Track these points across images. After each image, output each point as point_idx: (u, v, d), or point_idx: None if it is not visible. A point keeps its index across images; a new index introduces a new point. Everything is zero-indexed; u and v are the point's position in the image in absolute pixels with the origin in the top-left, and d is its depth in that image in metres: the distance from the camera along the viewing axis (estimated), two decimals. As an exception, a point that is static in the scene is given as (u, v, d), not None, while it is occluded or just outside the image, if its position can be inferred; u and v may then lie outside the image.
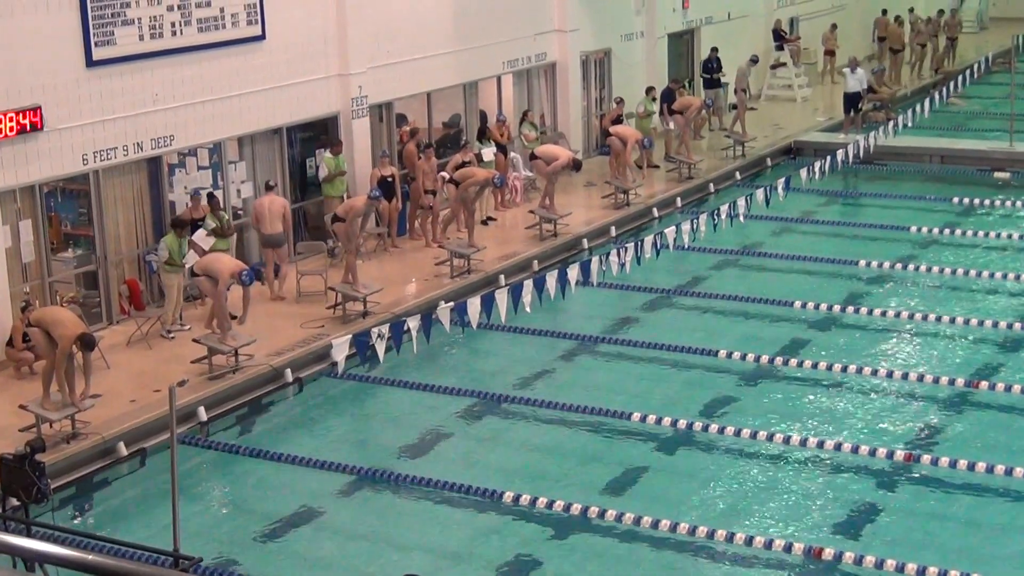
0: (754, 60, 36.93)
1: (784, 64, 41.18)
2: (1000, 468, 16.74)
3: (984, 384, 19.64)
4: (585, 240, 27.16)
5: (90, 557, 7.61)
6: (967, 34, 48.49)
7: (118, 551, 13.51)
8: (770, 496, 16.82)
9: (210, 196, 23.01)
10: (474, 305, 19.52)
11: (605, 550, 15.59)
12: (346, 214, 22.87)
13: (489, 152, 28.42)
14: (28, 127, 20.44)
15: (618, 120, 31.26)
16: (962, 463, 16.94)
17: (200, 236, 22.43)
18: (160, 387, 19.01)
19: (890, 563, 14.60)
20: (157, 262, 21.69)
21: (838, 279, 25.09)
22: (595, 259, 21.71)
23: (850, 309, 23.11)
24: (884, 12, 44.08)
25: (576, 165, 27.73)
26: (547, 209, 27.18)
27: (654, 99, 33.02)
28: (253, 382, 20.05)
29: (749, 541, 15.28)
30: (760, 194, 26.43)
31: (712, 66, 36.47)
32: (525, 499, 16.41)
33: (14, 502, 14.78)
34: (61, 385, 17.90)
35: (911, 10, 44.74)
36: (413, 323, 18.82)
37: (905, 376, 20.04)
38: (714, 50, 36.55)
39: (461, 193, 25.52)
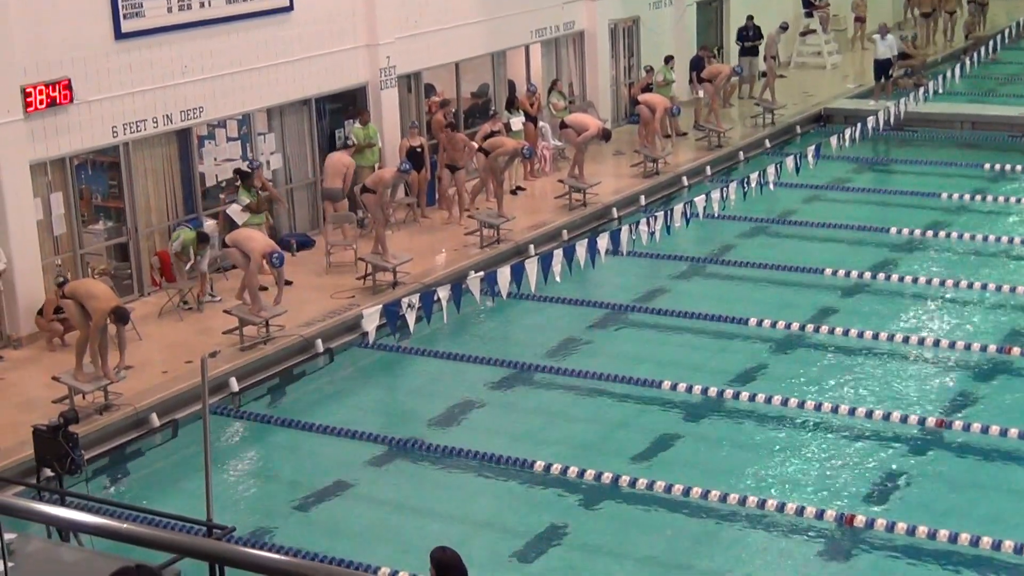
0: (784, 27, 36.72)
1: (814, 31, 40.96)
2: (1032, 434, 16.71)
3: (1016, 350, 19.54)
4: (615, 209, 27.13)
5: (124, 526, 7.67)
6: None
7: (151, 520, 13.59)
8: (801, 463, 16.82)
9: (245, 174, 23.02)
10: (504, 275, 19.54)
11: (636, 518, 15.62)
12: (375, 185, 22.89)
13: (518, 122, 28.39)
14: (58, 100, 20.50)
15: (647, 89, 31.19)
16: (994, 429, 16.89)
17: (235, 211, 22.51)
18: (192, 358, 19.13)
19: (922, 530, 14.59)
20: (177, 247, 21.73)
21: (868, 246, 25.00)
22: (625, 228, 21.70)
23: (881, 276, 23.04)
24: None
25: (605, 135, 27.67)
26: (576, 178, 27.14)
27: (672, 68, 32.84)
28: (284, 353, 20.12)
29: (781, 508, 15.28)
30: (790, 162, 26.35)
31: (748, 34, 36.28)
32: (556, 468, 16.44)
33: (48, 473, 14.88)
34: (94, 357, 18.00)
35: None
36: (443, 293, 18.86)
37: (936, 342, 19.98)
38: (750, 18, 36.34)
39: (490, 163, 25.50)
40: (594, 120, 28.13)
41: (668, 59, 32.88)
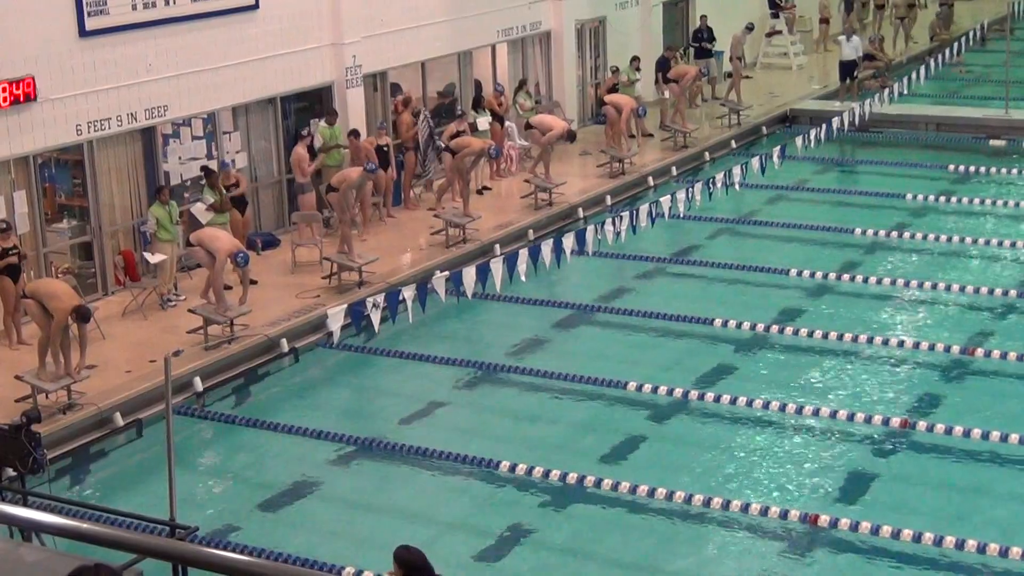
0: (749, 28, 36.74)
1: (780, 32, 41.04)
2: (996, 434, 16.76)
3: (980, 351, 19.65)
4: (580, 209, 27.13)
5: (85, 526, 7.61)
6: (963, 1, 48.34)
7: (114, 521, 13.52)
8: (766, 463, 16.85)
9: (209, 171, 22.92)
10: (469, 274, 19.55)
11: (601, 519, 15.61)
12: (340, 184, 22.83)
13: (484, 121, 28.36)
14: (21, 98, 20.38)
15: (613, 89, 31.20)
16: (958, 429, 16.96)
17: (199, 210, 22.41)
18: (156, 357, 19.02)
19: (885, 529, 14.63)
20: (150, 233, 21.67)
21: (833, 247, 25.07)
22: (590, 228, 21.77)
23: (845, 277, 23.11)
24: None
25: (570, 136, 27.66)
26: (541, 178, 27.11)
27: (638, 68, 32.86)
28: (249, 352, 20.05)
29: (745, 508, 15.31)
30: (755, 162, 26.44)
31: (702, 35, 36.32)
32: (521, 468, 16.42)
33: (10, 472, 14.79)
34: (56, 357, 17.89)
35: None
36: (408, 293, 18.85)
37: (901, 343, 20.05)
38: (703, 19, 36.39)
39: (457, 162, 25.45)
40: (559, 121, 28.12)
41: (633, 59, 32.93)
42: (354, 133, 25.32)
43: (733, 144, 32.26)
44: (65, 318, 17.78)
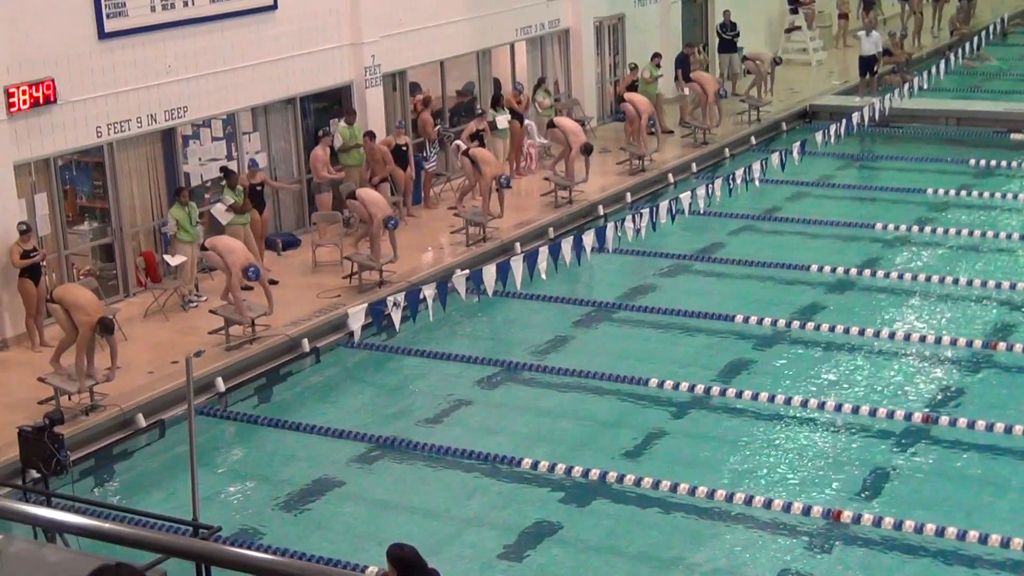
0: (777, 62, 36.05)
1: (799, 28, 40.96)
2: (1019, 428, 16.70)
3: (1002, 345, 19.60)
4: (600, 206, 27.10)
5: (108, 526, 7.66)
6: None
7: (137, 521, 13.56)
8: (788, 459, 16.83)
9: (228, 172, 22.94)
10: (490, 273, 19.58)
11: (624, 515, 15.61)
12: (363, 203, 22.55)
13: (503, 120, 28.33)
14: (41, 100, 20.43)
15: (632, 86, 31.16)
16: (980, 424, 16.92)
17: (219, 211, 22.42)
18: (178, 358, 19.07)
19: (908, 524, 14.61)
20: (170, 234, 21.73)
21: (854, 242, 25.03)
22: (611, 225, 21.77)
23: (867, 272, 23.07)
24: None
25: (587, 150, 27.19)
26: (562, 176, 27.05)
27: (659, 65, 32.77)
28: (270, 352, 20.07)
29: (768, 504, 15.29)
30: (776, 158, 26.43)
31: (727, 28, 36.21)
32: (543, 465, 16.43)
33: (34, 474, 14.84)
34: (80, 366, 17.87)
35: None
36: (429, 291, 18.89)
37: (923, 338, 20.01)
38: (727, 13, 36.29)
39: (478, 179, 25.14)
40: (580, 135, 27.55)
41: (654, 56, 32.87)
42: (369, 135, 25.34)
43: (753, 140, 32.19)
44: (90, 331, 17.79)
